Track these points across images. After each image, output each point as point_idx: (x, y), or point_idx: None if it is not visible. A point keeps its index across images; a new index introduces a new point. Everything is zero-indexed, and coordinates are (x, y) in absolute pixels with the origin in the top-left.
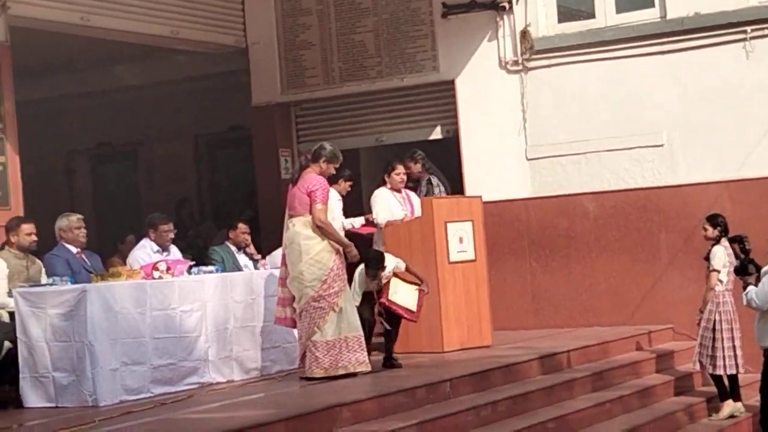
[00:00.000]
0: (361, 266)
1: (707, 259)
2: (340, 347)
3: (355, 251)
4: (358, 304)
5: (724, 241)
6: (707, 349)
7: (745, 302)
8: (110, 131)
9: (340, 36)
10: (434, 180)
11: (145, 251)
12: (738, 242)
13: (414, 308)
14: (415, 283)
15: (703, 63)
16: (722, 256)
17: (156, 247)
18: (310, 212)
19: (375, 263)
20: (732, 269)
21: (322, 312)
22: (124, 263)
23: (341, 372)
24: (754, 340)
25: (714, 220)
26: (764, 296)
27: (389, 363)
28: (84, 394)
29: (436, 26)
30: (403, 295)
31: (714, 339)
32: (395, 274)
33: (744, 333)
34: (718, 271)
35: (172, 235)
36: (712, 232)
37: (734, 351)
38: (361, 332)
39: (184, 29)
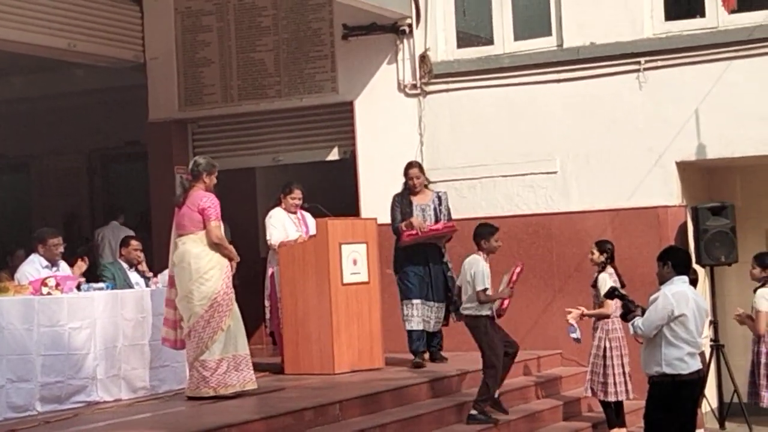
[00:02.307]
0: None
1: (594, 286)
2: (228, 366)
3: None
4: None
5: (610, 268)
6: (598, 376)
7: (632, 332)
8: (2, 142)
9: (239, 54)
10: (442, 194)
11: (33, 266)
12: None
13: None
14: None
15: (598, 92)
16: (609, 283)
17: (45, 262)
18: (204, 228)
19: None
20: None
21: (210, 331)
22: (13, 278)
23: (230, 391)
24: (640, 367)
25: (602, 246)
26: (649, 324)
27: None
28: None
29: (336, 47)
30: None
31: (605, 366)
32: None
33: (632, 359)
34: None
35: (61, 249)
36: (598, 257)
37: (624, 377)
38: (248, 351)
39: (81, 42)
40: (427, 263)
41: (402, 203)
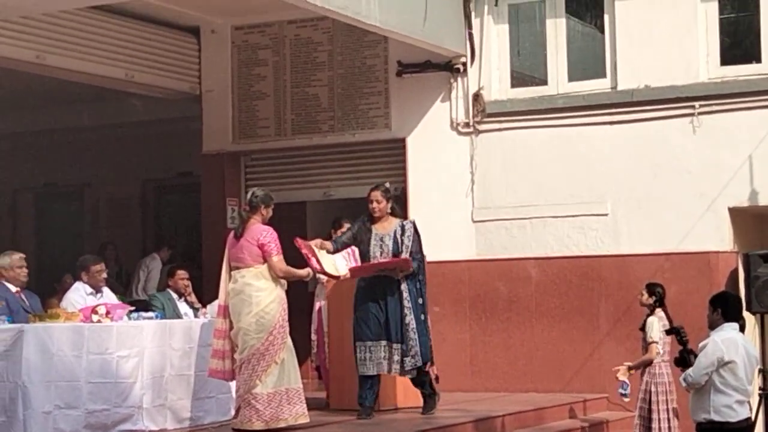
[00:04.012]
0: None
1: (642, 329)
2: (281, 400)
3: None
4: None
5: (659, 312)
6: (645, 420)
7: (684, 385)
8: (58, 171)
9: (294, 88)
10: (407, 225)
11: (78, 293)
12: (676, 333)
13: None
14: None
15: (651, 135)
16: (658, 326)
17: (89, 290)
18: (263, 263)
19: None
20: (672, 360)
21: (265, 364)
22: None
23: (282, 425)
24: (688, 413)
25: (652, 288)
26: (698, 372)
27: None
28: None
29: (390, 84)
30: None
31: (650, 411)
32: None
33: (679, 404)
34: (657, 342)
35: (104, 275)
36: (647, 299)
37: (669, 423)
38: (300, 384)
39: (139, 73)
40: (383, 300)
41: (361, 228)
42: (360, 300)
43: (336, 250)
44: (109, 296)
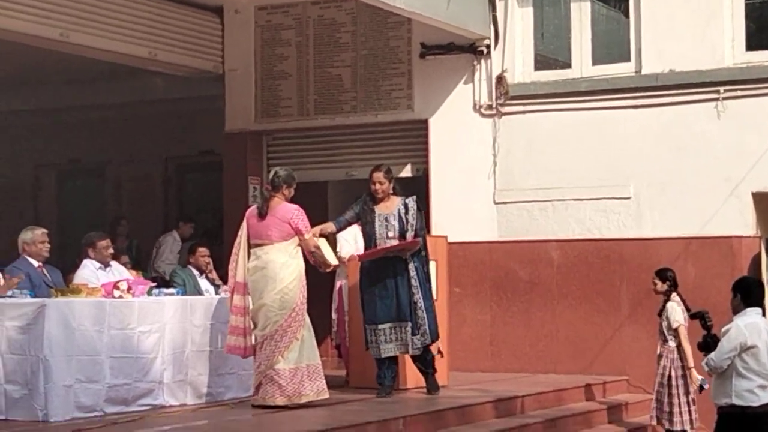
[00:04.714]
0: None
1: (660, 314)
2: (302, 376)
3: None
4: None
5: (675, 296)
6: (663, 405)
7: (706, 369)
8: (80, 148)
9: (317, 68)
10: (410, 203)
11: (89, 270)
12: (700, 318)
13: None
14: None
15: (675, 120)
16: (680, 311)
17: (98, 265)
18: (290, 239)
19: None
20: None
21: (287, 341)
22: None
23: (304, 400)
24: (707, 397)
25: (663, 274)
26: (720, 355)
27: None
28: (35, 409)
29: (413, 65)
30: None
31: (670, 395)
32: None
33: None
34: (683, 324)
35: (111, 251)
36: (661, 286)
37: (689, 406)
38: (319, 360)
39: (162, 51)
40: (392, 280)
41: (364, 208)
42: (366, 282)
43: (339, 230)
44: (119, 269)
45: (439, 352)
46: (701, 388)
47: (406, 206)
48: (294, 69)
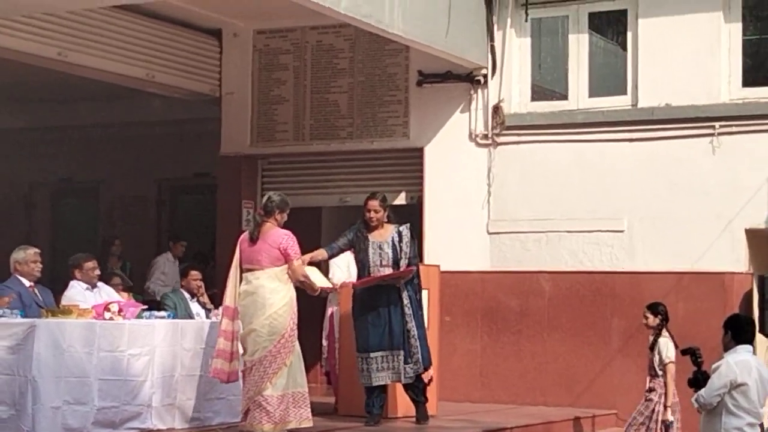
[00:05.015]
0: None
1: (651, 349)
2: (288, 402)
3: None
4: None
5: (665, 331)
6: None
7: (696, 406)
8: (74, 167)
9: (314, 94)
10: (404, 231)
11: (76, 290)
12: (691, 354)
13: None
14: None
15: (670, 154)
16: (672, 347)
17: (85, 286)
18: (280, 266)
19: None
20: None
21: (276, 367)
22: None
23: (289, 427)
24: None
25: (655, 308)
26: (710, 393)
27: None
28: (22, 430)
29: (410, 93)
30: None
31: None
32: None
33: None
34: (673, 362)
35: (97, 272)
36: (653, 320)
37: None
38: (306, 388)
39: (159, 73)
40: (385, 308)
41: (357, 236)
42: (358, 310)
43: (331, 256)
44: (106, 291)
45: (430, 379)
46: (668, 426)
47: (400, 234)
48: (291, 94)
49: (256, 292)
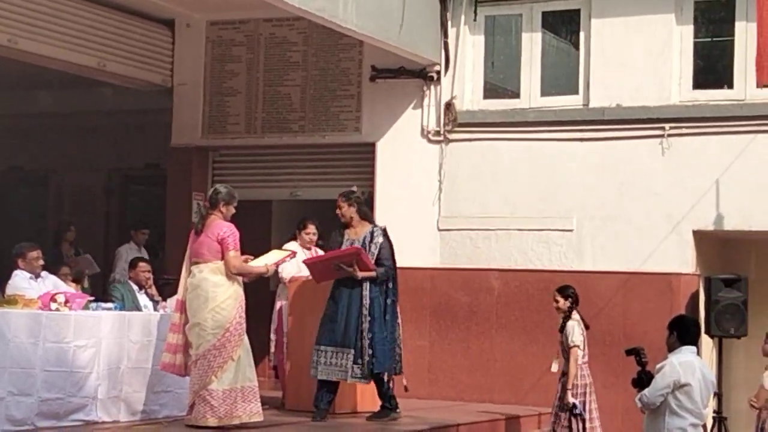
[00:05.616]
0: None
1: (561, 331)
2: (235, 397)
3: (271, 269)
4: None
5: (575, 314)
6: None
7: (639, 405)
8: (23, 155)
9: (266, 86)
10: (376, 231)
11: (22, 280)
12: (635, 354)
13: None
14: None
15: (620, 154)
16: (579, 330)
17: (29, 275)
18: (222, 259)
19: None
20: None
21: (221, 361)
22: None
23: (235, 422)
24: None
25: (565, 291)
26: (653, 393)
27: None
28: None
29: (363, 88)
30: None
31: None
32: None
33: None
34: (578, 347)
35: (41, 262)
36: (564, 303)
37: (599, 421)
38: (256, 382)
39: (111, 62)
40: (345, 305)
41: (335, 234)
42: (328, 303)
43: None
44: (51, 280)
45: (405, 387)
46: (572, 408)
47: (372, 234)
48: (243, 86)
49: (199, 285)
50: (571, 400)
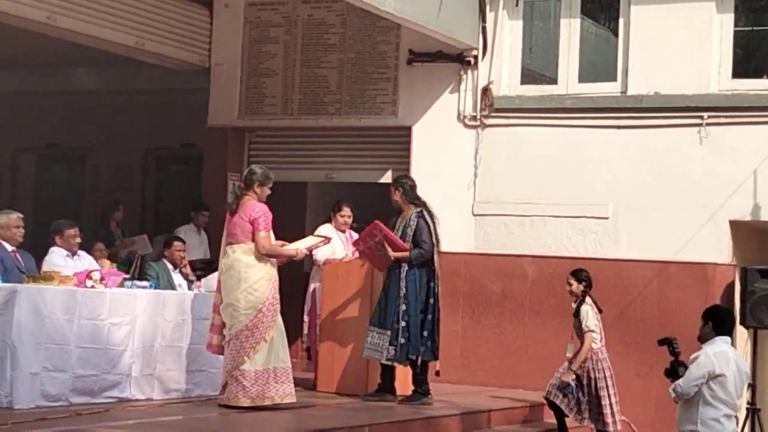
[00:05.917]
0: None
1: (576, 315)
2: (268, 378)
3: (301, 254)
4: None
5: (589, 299)
6: (588, 406)
7: (673, 396)
8: (61, 133)
9: (303, 68)
10: (413, 215)
11: (59, 257)
12: (668, 344)
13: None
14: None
15: (658, 142)
16: (593, 314)
17: (66, 252)
18: (253, 240)
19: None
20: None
21: (253, 341)
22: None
23: (268, 403)
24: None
25: (579, 274)
26: (688, 383)
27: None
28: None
29: (400, 71)
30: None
31: (599, 396)
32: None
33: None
34: (593, 331)
35: (78, 240)
36: (577, 287)
37: (618, 407)
38: (289, 363)
39: (149, 41)
40: (387, 288)
41: (395, 220)
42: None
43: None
44: (87, 259)
45: (437, 372)
46: (563, 387)
47: (410, 217)
48: (280, 67)
49: (232, 266)
50: (568, 380)
